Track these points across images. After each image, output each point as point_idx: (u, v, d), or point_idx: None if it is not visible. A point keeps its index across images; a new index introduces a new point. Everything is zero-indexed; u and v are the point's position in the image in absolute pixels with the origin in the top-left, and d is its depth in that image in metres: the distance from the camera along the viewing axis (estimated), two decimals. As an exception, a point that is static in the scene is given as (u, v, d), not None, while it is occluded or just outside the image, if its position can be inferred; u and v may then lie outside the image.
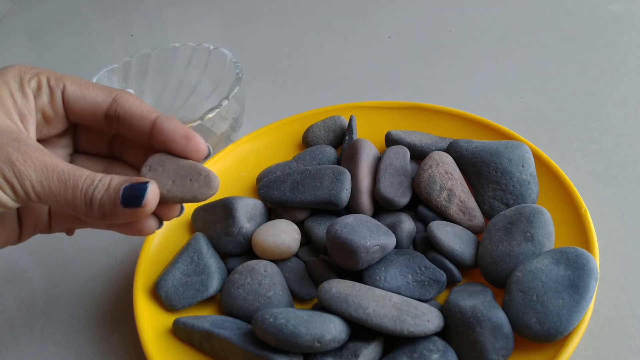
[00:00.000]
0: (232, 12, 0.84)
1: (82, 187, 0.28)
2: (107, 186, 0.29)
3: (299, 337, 0.32)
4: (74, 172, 0.28)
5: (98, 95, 0.31)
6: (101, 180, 0.29)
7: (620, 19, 0.65)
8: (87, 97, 0.31)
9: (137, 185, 0.29)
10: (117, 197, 0.29)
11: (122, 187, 0.29)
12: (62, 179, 0.28)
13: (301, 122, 0.52)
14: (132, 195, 0.29)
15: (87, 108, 0.32)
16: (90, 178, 0.28)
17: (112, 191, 0.29)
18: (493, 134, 0.47)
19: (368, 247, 0.36)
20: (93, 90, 0.31)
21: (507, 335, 0.33)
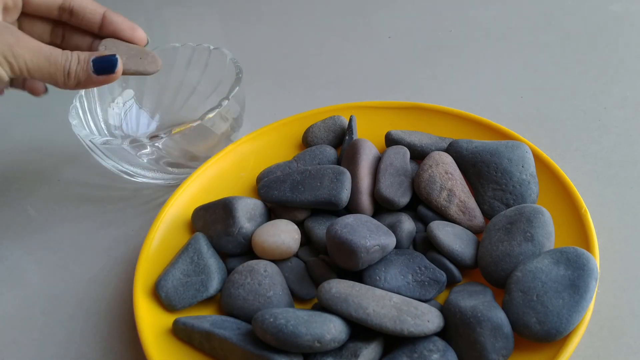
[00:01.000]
0: (232, 12, 0.84)
1: (61, 61, 0.37)
2: (78, 59, 0.38)
3: (299, 337, 0.32)
4: (54, 51, 0.37)
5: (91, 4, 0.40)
6: (72, 55, 0.38)
7: (620, 19, 0.65)
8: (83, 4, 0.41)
9: (107, 57, 0.39)
10: (88, 68, 0.38)
11: (91, 60, 0.38)
12: (47, 57, 0.36)
13: (301, 122, 0.52)
14: (104, 66, 0.38)
15: (44, 2, 0.40)
16: (65, 54, 0.37)
17: (83, 63, 0.38)
18: (493, 134, 0.47)
19: (368, 247, 0.36)
20: None
21: (507, 335, 0.33)
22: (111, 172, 0.51)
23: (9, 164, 0.62)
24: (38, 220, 0.53)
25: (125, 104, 0.58)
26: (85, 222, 0.52)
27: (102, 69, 0.39)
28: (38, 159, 0.61)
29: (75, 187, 0.56)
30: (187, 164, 0.51)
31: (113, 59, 0.39)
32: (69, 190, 0.56)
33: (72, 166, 0.59)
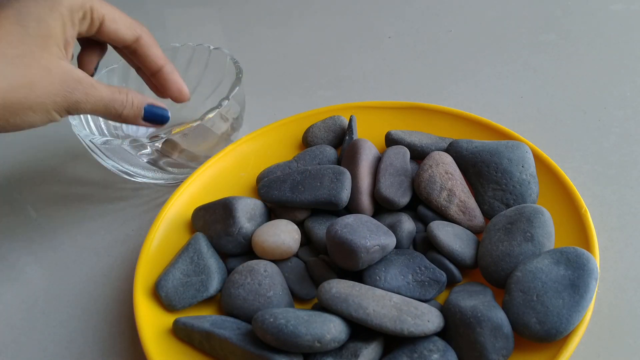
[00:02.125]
0: (232, 12, 0.84)
1: (116, 108, 0.39)
2: (132, 104, 0.40)
3: (299, 337, 0.32)
4: (112, 97, 0.38)
5: (126, 33, 0.41)
6: (127, 101, 0.40)
7: (621, 19, 0.65)
8: (118, 32, 0.40)
9: (159, 110, 0.42)
10: (139, 114, 0.41)
11: (144, 107, 0.41)
12: (105, 106, 0.38)
13: (301, 122, 0.52)
14: (154, 118, 0.42)
15: (115, 39, 0.41)
16: (122, 100, 0.39)
17: (136, 109, 0.40)
18: (493, 134, 0.47)
19: (368, 247, 0.36)
20: (123, 25, 0.40)
21: (507, 335, 0.33)
22: (111, 172, 0.51)
23: (9, 164, 0.62)
24: (38, 220, 0.53)
25: (125, 104, 0.58)
26: (85, 222, 0.52)
27: (151, 119, 0.42)
28: (38, 159, 0.61)
29: (75, 187, 0.56)
30: (187, 164, 0.51)
31: (164, 114, 0.42)
32: (69, 190, 0.56)
33: (72, 166, 0.59)
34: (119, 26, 0.40)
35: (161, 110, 0.42)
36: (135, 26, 0.42)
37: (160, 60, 0.44)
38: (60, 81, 0.35)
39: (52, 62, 0.35)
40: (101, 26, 0.39)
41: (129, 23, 0.41)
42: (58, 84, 0.35)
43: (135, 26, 0.42)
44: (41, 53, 0.35)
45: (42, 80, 0.34)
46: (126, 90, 0.40)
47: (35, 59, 0.34)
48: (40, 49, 0.35)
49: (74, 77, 0.36)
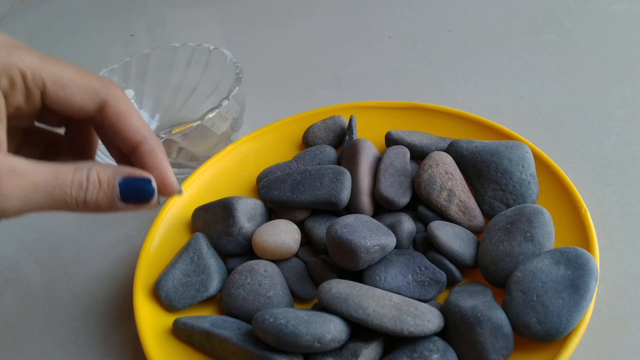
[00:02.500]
0: (232, 12, 0.84)
1: (71, 193, 0.27)
2: (98, 184, 0.27)
3: (299, 337, 0.32)
4: (56, 181, 0.26)
5: (84, 100, 0.28)
6: (90, 181, 0.27)
7: (621, 19, 0.65)
8: (71, 103, 0.28)
9: (139, 182, 0.28)
10: (113, 194, 0.28)
11: (117, 182, 0.28)
12: (47, 193, 0.26)
13: (301, 122, 0.52)
14: (135, 195, 0.28)
15: (69, 112, 0.29)
16: (77, 182, 0.27)
17: (106, 188, 0.27)
18: (493, 134, 0.47)
19: (368, 247, 0.36)
20: (78, 93, 0.28)
21: (507, 335, 0.33)
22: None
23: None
24: (38, 220, 0.53)
25: (125, 104, 0.58)
26: (85, 222, 0.52)
27: (132, 197, 0.28)
28: (38, 159, 0.61)
29: (75, 187, 0.56)
30: (187, 164, 0.51)
31: (148, 188, 0.28)
32: (69, 190, 0.56)
33: (72, 166, 0.59)
34: (71, 92, 0.28)
35: (143, 183, 0.28)
36: (98, 89, 0.28)
37: (135, 135, 0.29)
38: None
39: None
40: (44, 94, 0.27)
41: (88, 85, 0.28)
42: None
43: (98, 89, 0.28)
44: None
45: None
46: (85, 165, 0.27)
47: None
48: None
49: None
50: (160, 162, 0.30)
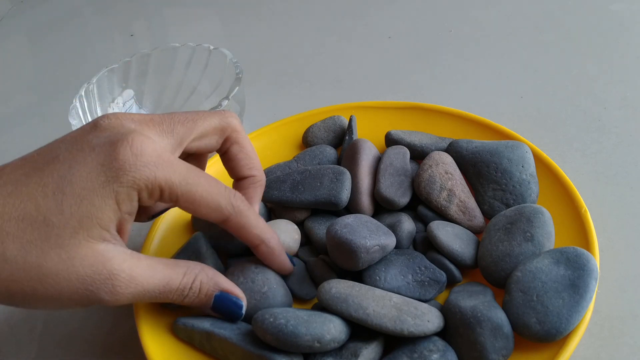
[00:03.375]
0: (232, 12, 0.84)
1: (172, 298, 0.32)
2: (198, 292, 0.33)
3: (298, 337, 0.32)
4: (164, 289, 0.31)
5: (208, 214, 0.33)
6: (192, 289, 0.32)
7: (621, 19, 0.65)
8: (197, 214, 0.33)
9: (232, 302, 0.34)
10: (208, 302, 0.34)
11: (214, 295, 0.33)
12: (152, 297, 0.31)
13: (301, 122, 0.52)
14: (225, 310, 0.34)
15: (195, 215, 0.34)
16: (180, 289, 0.32)
17: (203, 297, 0.33)
18: (493, 134, 0.47)
19: (368, 247, 0.36)
20: (204, 208, 0.32)
21: (507, 335, 0.33)
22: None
23: (9, 164, 0.62)
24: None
25: (125, 104, 0.58)
26: (85, 222, 0.52)
27: (221, 311, 0.34)
28: (38, 159, 0.61)
29: (75, 187, 0.56)
30: (187, 164, 0.51)
31: (238, 312, 0.34)
32: (69, 190, 0.56)
33: (72, 166, 0.59)
34: (199, 207, 0.32)
35: (235, 307, 0.34)
36: (223, 207, 0.32)
37: (254, 240, 0.36)
38: (82, 277, 0.27)
39: (80, 249, 0.27)
40: (177, 203, 0.31)
41: (215, 204, 0.32)
42: (76, 280, 0.27)
43: (223, 207, 0.32)
44: (70, 237, 0.27)
45: (56, 274, 0.27)
46: (194, 270, 0.32)
47: (57, 245, 0.27)
48: (71, 232, 0.27)
49: (105, 271, 0.28)
50: (277, 257, 0.37)
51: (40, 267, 0.27)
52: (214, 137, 0.35)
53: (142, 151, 0.28)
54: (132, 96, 0.59)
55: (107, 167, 0.28)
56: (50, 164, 0.28)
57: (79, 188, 0.27)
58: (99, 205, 0.27)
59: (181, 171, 0.30)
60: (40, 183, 0.27)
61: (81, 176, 0.27)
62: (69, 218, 0.27)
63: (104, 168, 0.28)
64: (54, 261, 0.27)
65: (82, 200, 0.27)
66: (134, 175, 0.28)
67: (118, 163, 0.28)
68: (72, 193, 0.27)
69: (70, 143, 0.29)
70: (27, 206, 0.27)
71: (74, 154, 0.28)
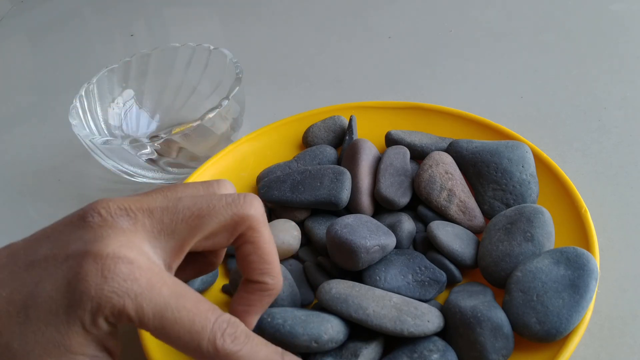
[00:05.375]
0: (232, 12, 0.84)
1: None
2: None
3: (295, 337, 0.32)
4: None
5: (188, 354, 0.27)
6: None
7: (621, 19, 0.65)
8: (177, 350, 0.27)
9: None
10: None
11: None
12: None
13: (301, 122, 0.52)
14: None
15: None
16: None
17: None
18: (493, 134, 0.47)
19: (368, 247, 0.36)
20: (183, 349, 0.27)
21: (507, 335, 0.33)
22: (111, 172, 0.51)
23: (9, 164, 0.62)
24: (38, 220, 0.53)
25: (125, 104, 0.58)
26: (85, 222, 0.52)
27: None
28: (38, 159, 0.61)
29: (75, 187, 0.56)
30: (187, 164, 0.51)
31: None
32: (69, 190, 0.56)
33: (72, 166, 0.59)
34: (176, 347, 0.27)
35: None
36: (206, 348, 0.26)
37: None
38: None
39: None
40: (150, 332, 0.27)
41: (196, 345, 0.26)
42: None
43: (206, 348, 0.26)
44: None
45: None
46: None
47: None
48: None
49: None
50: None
51: None
52: (224, 235, 0.29)
53: (114, 274, 0.24)
54: (132, 96, 0.59)
55: (73, 288, 0.24)
56: (25, 271, 0.25)
57: (44, 312, 0.24)
58: (64, 331, 0.24)
59: (158, 301, 0.25)
60: (9, 298, 0.25)
61: (47, 297, 0.24)
62: (34, 346, 0.24)
63: (69, 288, 0.24)
64: None
65: (46, 327, 0.24)
66: (99, 302, 0.24)
67: (83, 286, 0.24)
68: (37, 318, 0.24)
69: (53, 240, 0.27)
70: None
71: (48, 262, 0.25)
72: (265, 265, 0.30)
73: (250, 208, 0.29)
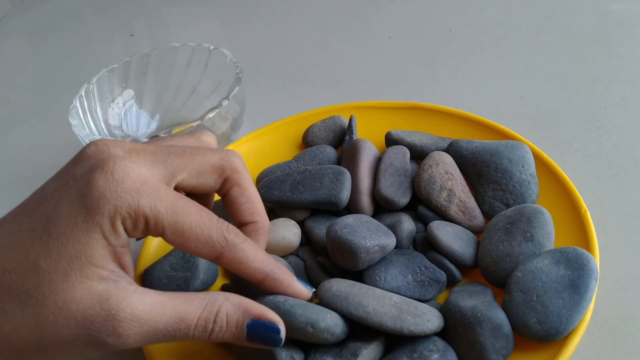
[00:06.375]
0: (232, 12, 0.84)
1: (193, 334, 0.27)
2: (226, 326, 0.28)
3: (293, 317, 0.31)
4: (178, 326, 0.27)
5: (198, 249, 0.29)
6: (217, 322, 0.28)
7: (621, 19, 0.65)
8: (187, 249, 0.29)
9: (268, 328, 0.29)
10: (241, 335, 0.29)
11: (245, 325, 0.29)
12: (167, 336, 0.27)
13: (301, 122, 0.52)
14: (262, 337, 0.29)
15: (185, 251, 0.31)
16: (201, 325, 0.27)
17: (234, 330, 0.28)
18: (493, 134, 0.47)
19: (368, 248, 0.36)
20: (194, 243, 0.28)
21: (507, 335, 0.33)
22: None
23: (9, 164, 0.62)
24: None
25: (125, 104, 0.58)
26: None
27: (258, 340, 0.29)
28: (38, 159, 0.61)
29: (75, 187, 0.56)
30: (187, 164, 0.51)
31: (275, 337, 0.29)
32: (69, 190, 0.56)
33: (72, 166, 0.59)
34: (187, 241, 0.28)
35: (271, 331, 0.29)
36: (215, 241, 0.29)
37: (257, 275, 0.31)
38: (80, 321, 0.25)
39: (75, 292, 0.25)
40: (164, 236, 0.28)
41: (206, 238, 0.28)
42: (75, 326, 0.25)
43: (215, 241, 0.29)
44: (62, 281, 0.25)
45: (54, 322, 0.25)
46: (217, 301, 0.28)
47: (50, 292, 0.25)
48: (63, 276, 0.25)
49: (103, 312, 0.26)
50: (286, 287, 0.32)
51: (38, 317, 0.25)
52: (212, 176, 0.31)
53: (124, 177, 0.26)
54: (132, 96, 0.59)
55: (88, 198, 0.26)
56: (38, 207, 0.27)
57: (63, 226, 0.25)
58: (85, 241, 0.25)
59: (168, 199, 0.27)
60: (29, 228, 0.26)
61: (64, 213, 0.26)
62: (58, 261, 0.25)
63: (84, 199, 0.26)
64: (50, 309, 0.25)
65: (67, 239, 0.25)
66: (115, 204, 0.26)
67: (98, 191, 0.26)
68: (57, 233, 0.25)
69: (57, 179, 0.28)
70: (19, 256, 0.25)
71: (59, 190, 0.27)
72: (253, 205, 0.33)
73: (235, 157, 0.32)
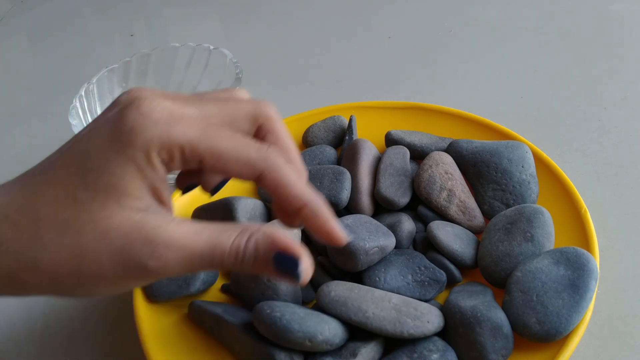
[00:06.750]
0: (232, 12, 0.84)
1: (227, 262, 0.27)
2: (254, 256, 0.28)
3: (290, 332, 0.32)
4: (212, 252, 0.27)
5: (240, 171, 0.28)
6: (246, 252, 0.27)
7: (621, 19, 0.65)
8: (228, 172, 0.28)
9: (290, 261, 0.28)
10: (269, 266, 0.28)
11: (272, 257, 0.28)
12: (203, 263, 0.27)
13: (301, 122, 0.52)
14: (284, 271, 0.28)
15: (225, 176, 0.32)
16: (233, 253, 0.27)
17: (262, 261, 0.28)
18: (493, 134, 0.47)
19: (367, 249, 0.36)
20: (235, 165, 0.28)
21: (507, 335, 0.33)
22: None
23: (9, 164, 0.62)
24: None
25: (125, 104, 0.58)
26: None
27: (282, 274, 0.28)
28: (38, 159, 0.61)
29: (75, 187, 0.56)
30: (187, 164, 0.51)
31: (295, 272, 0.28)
32: (69, 190, 0.56)
33: (72, 166, 0.59)
34: (228, 164, 0.28)
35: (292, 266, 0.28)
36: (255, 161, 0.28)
37: (294, 203, 0.29)
38: (119, 247, 0.26)
39: (112, 220, 0.26)
40: (202, 164, 0.28)
41: (245, 158, 0.28)
42: (115, 252, 0.26)
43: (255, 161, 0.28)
44: (100, 210, 0.26)
45: (95, 249, 0.26)
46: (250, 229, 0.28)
47: (89, 220, 0.26)
48: (100, 205, 0.26)
49: (141, 237, 0.26)
50: (323, 223, 0.30)
51: (78, 245, 0.26)
52: (245, 123, 0.30)
53: (152, 110, 0.27)
54: (132, 96, 0.59)
55: (119, 132, 0.26)
56: (73, 146, 0.28)
57: (98, 159, 0.26)
58: (119, 174, 0.26)
59: (200, 125, 0.27)
60: (64, 164, 0.27)
61: (98, 148, 0.27)
62: (95, 191, 0.26)
63: (116, 134, 0.26)
64: (89, 237, 0.26)
65: (102, 173, 0.26)
66: (145, 136, 0.26)
67: (128, 126, 0.26)
68: (92, 166, 0.27)
69: (91, 124, 0.29)
70: (56, 189, 0.27)
71: (92, 131, 0.28)
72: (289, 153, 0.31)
73: (268, 107, 0.32)
